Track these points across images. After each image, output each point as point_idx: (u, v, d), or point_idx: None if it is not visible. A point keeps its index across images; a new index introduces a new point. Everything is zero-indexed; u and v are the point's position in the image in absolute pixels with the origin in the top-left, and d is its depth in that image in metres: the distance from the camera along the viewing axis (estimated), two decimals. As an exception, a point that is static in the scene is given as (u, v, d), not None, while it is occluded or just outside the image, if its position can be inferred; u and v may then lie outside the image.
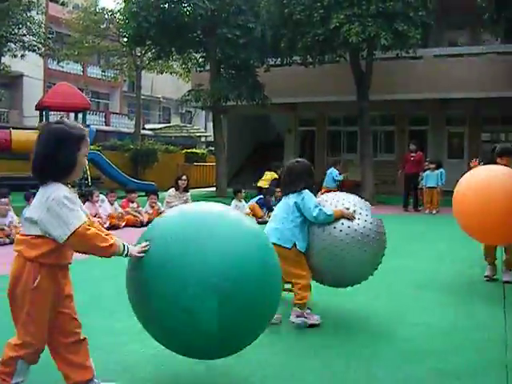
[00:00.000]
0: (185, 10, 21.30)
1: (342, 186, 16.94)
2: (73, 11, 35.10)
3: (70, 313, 3.32)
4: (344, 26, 17.64)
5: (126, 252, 3.28)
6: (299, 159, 5.41)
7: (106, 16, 32.82)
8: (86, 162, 3.32)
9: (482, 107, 23.79)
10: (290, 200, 5.08)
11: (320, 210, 4.89)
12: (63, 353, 3.32)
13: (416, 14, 18.56)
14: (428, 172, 16.88)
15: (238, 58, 21.44)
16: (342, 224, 4.87)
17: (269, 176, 17.40)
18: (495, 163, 6.99)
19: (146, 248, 3.39)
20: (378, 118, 25.20)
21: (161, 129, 41.35)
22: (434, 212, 16.53)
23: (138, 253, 3.36)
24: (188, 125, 45.17)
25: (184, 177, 13.78)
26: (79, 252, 3.25)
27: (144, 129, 39.31)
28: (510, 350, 4.51)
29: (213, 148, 28.73)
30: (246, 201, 14.49)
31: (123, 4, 24.20)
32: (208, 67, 23.49)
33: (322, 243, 4.92)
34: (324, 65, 20.93)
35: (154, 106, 50.36)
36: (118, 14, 29.92)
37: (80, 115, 20.35)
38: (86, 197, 12.25)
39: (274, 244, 4.30)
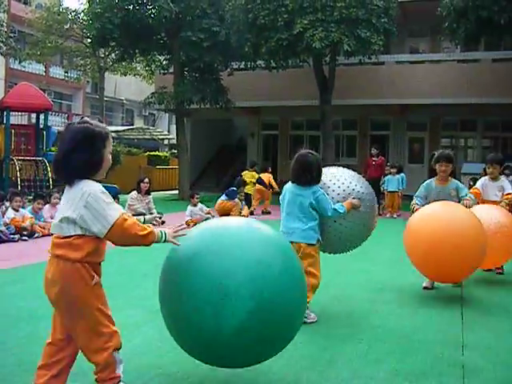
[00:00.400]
0: (149, 11, 21.21)
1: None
2: (36, 10, 34.60)
3: None
4: (308, 32, 17.78)
5: (164, 238, 3.35)
6: (312, 151, 5.49)
7: (70, 16, 32.45)
8: (111, 159, 3.38)
9: (441, 113, 24.19)
10: (303, 199, 5.25)
11: (334, 210, 5.22)
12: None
13: (379, 21, 18.83)
14: (389, 176, 17.11)
15: (201, 61, 21.41)
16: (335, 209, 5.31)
17: (249, 176, 17.25)
18: (433, 170, 7.15)
19: (182, 231, 3.49)
20: (341, 122, 25.43)
21: (124, 131, 40.95)
22: (395, 216, 16.74)
23: (174, 237, 3.42)
24: (151, 127, 44.84)
25: (146, 180, 13.76)
26: (120, 244, 3.31)
27: (107, 131, 38.97)
28: (466, 350, 4.64)
29: (176, 151, 28.64)
30: (207, 205, 14.47)
31: (87, 4, 23.97)
32: (172, 70, 23.42)
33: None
34: (287, 69, 21.08)
35: (117, 108, 49.99)
36: (82, 14, 29.67)
37: (42, 116, 20.10)
38: (44, 198, 12.14)
39: (297, 243, 5.12)
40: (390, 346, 4.70)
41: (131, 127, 42.57)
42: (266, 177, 17.41)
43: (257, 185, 16.84)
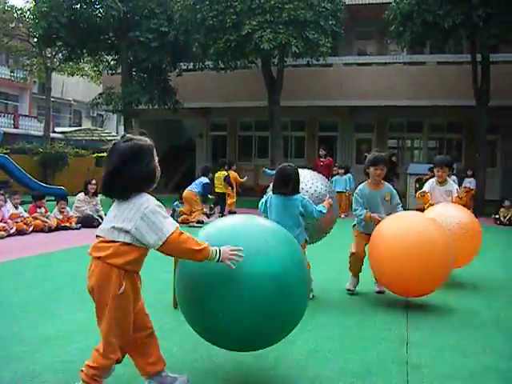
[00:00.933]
0: (97, 11, 20.96)
1: (254, 190, 17.03)
2: (-21, 9, 33.85)
3: (143, 309, 3.66)
4: (256, 33, 17.81)
5: (218, 257, 3.41)
6: (290, 164, 6.02)
7: (15, 15, 31.75)
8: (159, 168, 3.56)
9: (388, 114, 24.55)
10: (292, 209, 5.79)
11: (319, 211, 5.89)
12: (138, 346, 3.60)
13: (327, 23, 18.99)
14: (337, 177, 17.27)
15: (150, 62, 21.25)
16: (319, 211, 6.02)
17: (221, 175, 17.10)
18: (367, 173, 6.73)
19: (238, 254, 3.46)
20: (289, 123, 25.57)
21: (71, 132, 40.49)
22: (343, 216, 16.90)
23: (229, 259, 3.42)
24: (99, 128, 44.38)
25: (93, 181, 13.58)
26: (173, 255, 3.60)
27: (54, 132, 38.35)
28: (410, 348, 4.72)
29: (124, 152, 28.27)
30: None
31: (33, 3, 23.53)
32: (120, 70, 23.21)
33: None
34: (236, 70, 21.09)
35: (64, 108, 49.28)
36: (28, 12, 29.09)
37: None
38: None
39: None
40: (336, 345, 4.75)
41: (79, 128, 42.12)
42: (233, 175, 17.38)
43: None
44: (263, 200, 6.10)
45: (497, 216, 16.32)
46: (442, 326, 5.43)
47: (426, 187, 7.96)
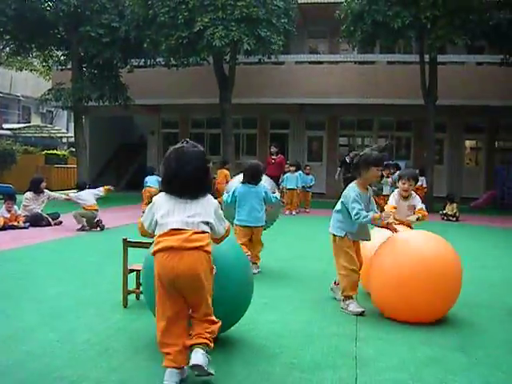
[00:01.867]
0: (46, 4, 20.57)
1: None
2: None
3: None
4: (208, 30, 17.77)
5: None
6: (258, 162, 8.07)
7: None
8: None
9: (339, 112, 24.79)
10: (258, 194, 7.58)
11: (275, 197, 7.84)
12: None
13: (279, 21, 19.07)
14: (288, 174, 17.37)
15: (101, 58, 20.93)
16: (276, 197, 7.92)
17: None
18: (359, 174, 6.00)
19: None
20: (241, 120, 25.58)
21: (20, 129, 39.69)
22: (294, 213, 17.05)
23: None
24: (49, 125, 43.58)
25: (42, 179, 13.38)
26: (217, 242, 4.18)
27: (2, 129, 37.56)
28: (359, 342, 4.80)
29: (74, 149, 27.98)
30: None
31: (-22, -5, 22.98)
32: (70, 66, 22.83)
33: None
34: (188, 67, 20.99)
35: (12, 104, 48.25)
36: (-27, 5, 28.43)
37: None
38: None
39: (255, 226, 7.70)
40: (285, 341, 4.79)
41: (28, 125, 41.26)
42: (223, 174, 17.37)
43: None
44: (230, 193, 7.64)
45: (444, 212, 16.67)
46: (390, 320, 5.52)
47: (392, 201, 7.20)
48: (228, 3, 17.84)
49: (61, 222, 12.84)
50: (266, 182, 8.05)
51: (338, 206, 5.94)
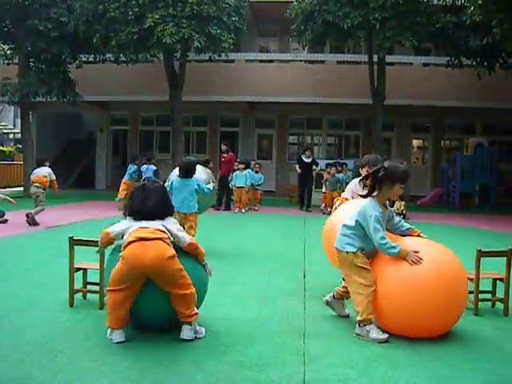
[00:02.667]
0: (-8, -3, 20.11)
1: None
2: None
3: None
4: (159, 26, 17.65)
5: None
6: (190, 158, 9.19)
7: None
8: None
9: (289, 111, 24.92)
10: (191, 186, 8.55)
11: (208, 188, 8.87)
12: None
13: (229, 19, 19.07)
14: (237, 172, 17.40)
15: (48, 52, 20.56)
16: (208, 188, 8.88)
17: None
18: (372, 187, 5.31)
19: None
20: (191, 118, 25.48)
21: (-36, 125, 38.89)
22: (243, 211, 17.09)
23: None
24: (-5, 120, 42.78)
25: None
26: (189, 251, 4.96)
27: None
28: (307, 339, 4.86)
29: (21, 146, 27.44)
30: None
31: None
32: (16, 60, 22.37)
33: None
34: (138, 64, 20.80)
35: (-44, 99, 47.12)
36: None
37: None
38: None
39: (185, 213, 8.54)
40: (234, 338, 4.81)
41: (-28, 120, 40.37)
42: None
43: None
44: (168, 183, 8.53)
45: (391, 208, 16.88)
46: (338, 317, 5.60)
47: (347, 193, 6.80)
48: (179, 0, 17.76)
49: (6, 221, 12.60)
50: (201, 173, 9.26)
51: (351, 223, 5.17)
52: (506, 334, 5.15)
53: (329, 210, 17.35)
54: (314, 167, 18.17)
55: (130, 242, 4.64)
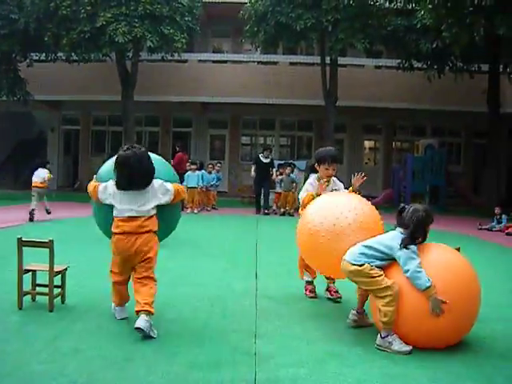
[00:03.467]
0: None
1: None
2: None
3: None
4: (111, 25, 17.51)
5: None
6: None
7: None
8: None
9: (242, 112, 24.97)
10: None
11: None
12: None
13: (182, 19, 19.01)
14: (189, 173, 17.32)
15: (-2, 50, 20.23)
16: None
17: None
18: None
19: None
20: (144, 118, 25.31)
21: None
22: (196, 211, 17.05)
23: None
24: None
25: None
26: (175, 201, 5.38)
27: None
28: (259, 339, 4.86)
29: (-31, 145, 26.84)
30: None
31: None
32: (-36, 58, 21.91)
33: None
34: (90, 63, 20.58)
35: None
36: None
37: None
38: None
39: None
40: (185, 339, 4.79)
41: None
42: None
43: None
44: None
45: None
46: (290, 316, 5.64)
47: (307, 188, 6.38)
48: (131, -1, 17.66)
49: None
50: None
51: (381, 247, 4.93)
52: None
53: (282, 210, 17.50)
54: (271, 169, 17.68)
55: (116, 234, 5.05)
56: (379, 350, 4.70)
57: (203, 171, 17.95)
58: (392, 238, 4.93)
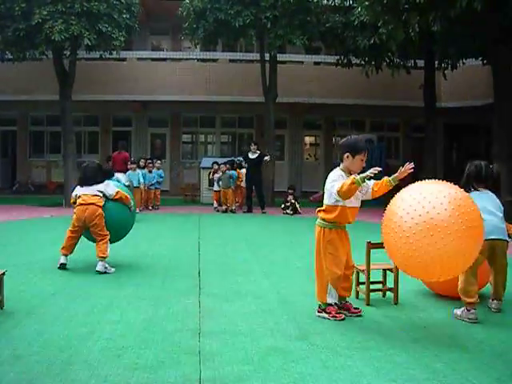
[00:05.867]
0: None
1: (47, 187, 16.27)
2: None
3: None
4: (47, 23, 17.15)
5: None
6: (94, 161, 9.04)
7: None
8: None
9: (182, 109, 24.85)
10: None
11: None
12: None
13: (120, 17, 18.75)
14: (129, 172, 17.09)
15: None
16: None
17: None
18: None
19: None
20: (82, 118, 24.90)
21: None
22: (138, 211, 16.83)
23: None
24: None
25: None
26: (118, 200, 8.17)
27: None
28: (202, 337, 4.86)
29: None
30: None
31: None
32: None
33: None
34: (26, 61, 20.11)
35: None
36: None
37: None
38: None
39: None
40: (129, 340, 4.75)
41: None
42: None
43: None
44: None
45: (285, 205, 17.22)
46: (234, 313, 5.66)
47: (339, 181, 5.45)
48: (68, -4, 17.32)
49: None
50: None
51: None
52: (396, 322, 5.35)
53: (224, 207, 17.50)
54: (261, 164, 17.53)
55: (77, 205, 7.84)
56: (324, 344, 4.76)
57: (144, 170, 17.80)
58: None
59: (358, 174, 5.40)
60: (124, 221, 8.31)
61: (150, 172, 18.45)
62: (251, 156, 17.45)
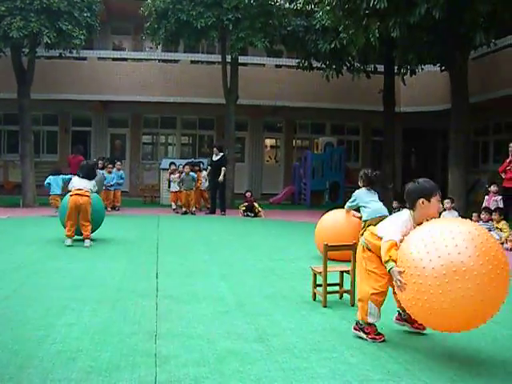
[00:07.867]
0: None
1: (4, 187, 15.99)
2: None
3: None
4: (5, 19, 16.90)
5: None
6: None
7: None
8: None
9: (143, 110, 24.72)
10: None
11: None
12: None
13: (81, 15, 18.55)
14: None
15: None
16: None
17: None
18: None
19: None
20: (41, 117, 24.56)
21: None
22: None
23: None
24: None
25: None
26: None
27: None
28: (159, 339, 4.83)
29: None
30: None
31: None
32: None
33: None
34: (-18, 59, 19.77)
35: None
36: None
37: None
38: None
39: None
40: (84, 343, 4.69)
41: None
42: None
43: None
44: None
45: (243, 208, 17.24)
46: (191, 315, 5.64)
47: (395, 231, 4.80)
48: (27, -8, 17.09)
49: None
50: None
51: None
52: (352, 324, 5.38)
53: (184, 209, 17.44)
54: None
55: (73, 193, 10.07)
56: (281, 346, 4.78)
57: (103, 171, 17.66)
58: None
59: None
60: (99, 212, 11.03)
61: (110, 173, 18.29)
62: (214, 158, 17.44)
